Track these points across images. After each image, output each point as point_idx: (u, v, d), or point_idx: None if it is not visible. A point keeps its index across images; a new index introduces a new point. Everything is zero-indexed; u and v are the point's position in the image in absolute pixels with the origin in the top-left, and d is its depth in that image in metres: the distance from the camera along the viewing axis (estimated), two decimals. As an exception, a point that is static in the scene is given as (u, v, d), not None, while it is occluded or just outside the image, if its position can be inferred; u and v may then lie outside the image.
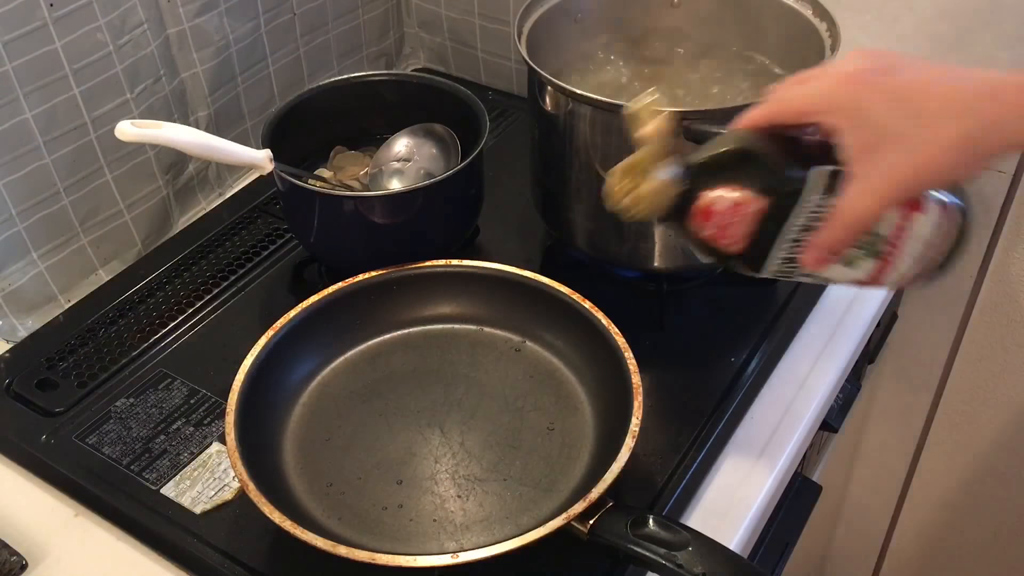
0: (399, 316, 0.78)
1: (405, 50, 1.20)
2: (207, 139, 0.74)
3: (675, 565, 0.55)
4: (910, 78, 0.50)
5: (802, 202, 0.53)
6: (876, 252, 0.55)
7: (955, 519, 1.34)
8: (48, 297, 0.85)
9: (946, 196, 0.55)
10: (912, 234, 0.54)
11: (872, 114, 0.50)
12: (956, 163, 0.49)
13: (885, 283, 0.58)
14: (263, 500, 0.59)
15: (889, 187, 0.49)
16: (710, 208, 0.55)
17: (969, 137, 0.48)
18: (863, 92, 0.50)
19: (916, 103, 0.49)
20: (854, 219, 0.51)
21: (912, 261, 0.56)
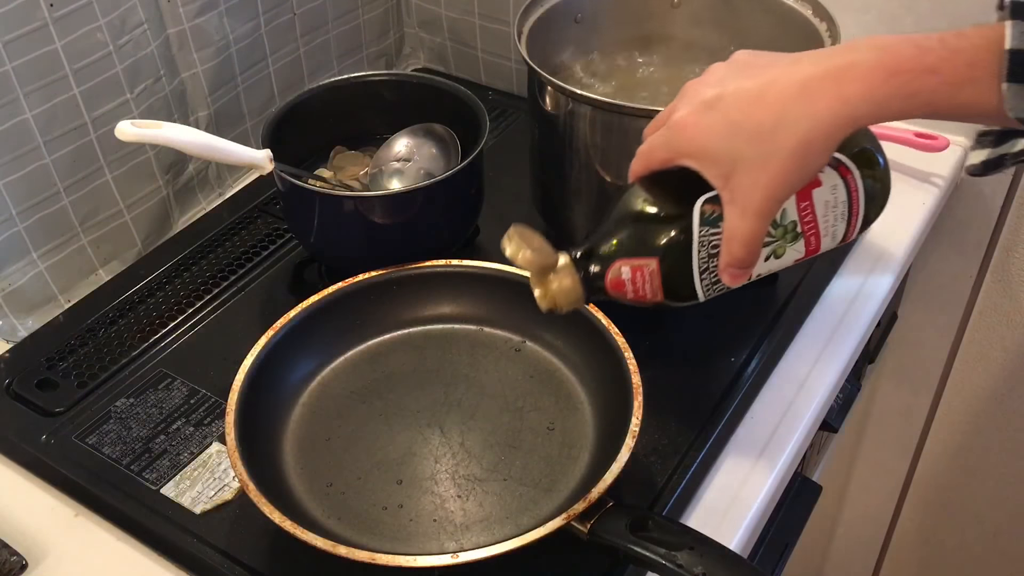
0: (399, 316, 0.78)
1: (405, 50, 1.20)
2: (207, 139, 0.74)
3: (675, 565, 0.55)
4: (737, 100, 0.52)
5: (696, 238, 0.55)
6: (795, 235, 0.57)
7: (955, 519, 1.34)
8: (48, 297, 0.85)
9: (840, 157, 0.56)
10: (820, 205, 0.56)
11: (712, 149, 0.52)
12: (805, 163, 0.51)
13: (827, 248, 0.59)
14: (263, 500, 0.59)
15: (756, 205, 0.52)
16: (618, 281, 0.58)
17: (808, 139, 0.50)
18: (697, 134, 0.53)
19: (750, 124, 0.51)
20: (742, 240, 0.53)
21: (837, 221, 0.57)
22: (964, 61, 0.46)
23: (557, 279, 0.59)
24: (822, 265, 0.86)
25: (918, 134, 0.96)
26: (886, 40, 0.49)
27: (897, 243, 0.90)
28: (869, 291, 0.85)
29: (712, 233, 0.55)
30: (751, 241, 0.53)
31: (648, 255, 0.56)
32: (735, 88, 0.52)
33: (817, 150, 0.50)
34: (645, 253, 0.56)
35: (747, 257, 0.54)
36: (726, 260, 0.54)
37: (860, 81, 0.48)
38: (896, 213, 0.92)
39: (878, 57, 0.48)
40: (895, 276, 0.87)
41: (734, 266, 0.54)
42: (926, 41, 0.48)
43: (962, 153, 0.99)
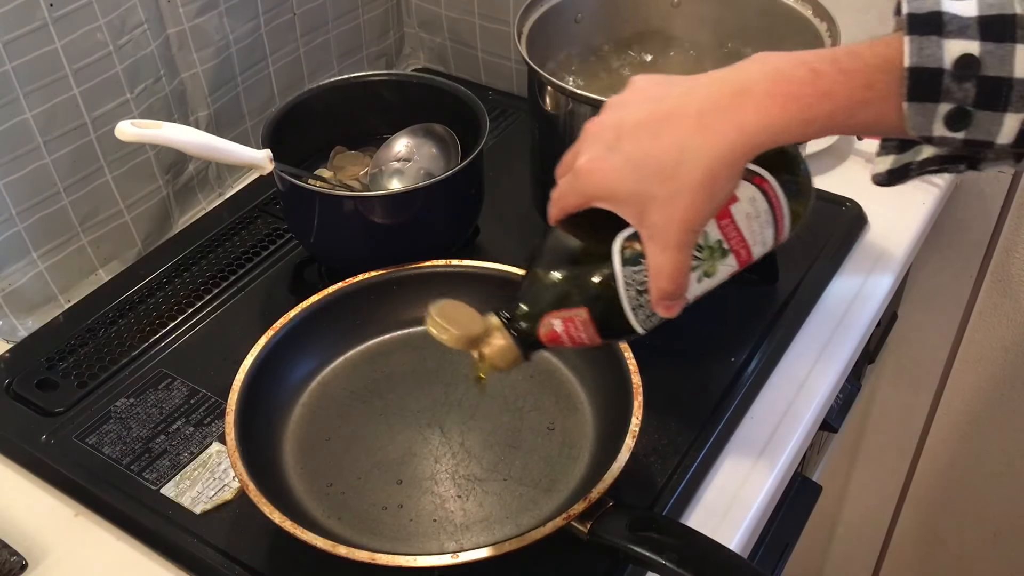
0: (399, 316, 0.78)
1: (405, 50, 1.20)
2: (207, 139, 0.74)
3: (675, 565, 0.55)
4: (637, 140, 0.51)
5: (621, 281, 0.55)
6: (723, 251, 0.56)
7: (955, 519, 1.34)
8: (48, 297, 0.85)
9: (753, 167, 0.55)
10: (742, 219, 0.55)
11: (620, 192, 0.52)
12: (714, 193, 0.50)
13: (761, 254, 0.59)
14: (263, 500, 0.59)
15: (675, 239, 0.51)
16: (552, 334, 0.57)
17: (711, 172, 0.49)
18: (602, 179, 0.53)
19: (652, 163, 0.50)
20: (668, 275, 0.53)
21: (764, 228, 0.57)
22: (859, 83, 0.46)
23: (491, 343, 0.58)
24: (822, 265, 0.86)
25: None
26: (779, 62, 0.48)
27: (897, 243, 0.90)
28: (869, 291, 0.85)
29: (636, 271, 0.54)
30: (676, 274, 0.52)
31: (576, 305, 0.55)
32: (633, 125, 0.52)
33: (723, 179, 0.50)
34: (573, 304, 0.56)
35: (676, 289, 0.53)
36: (655, 295, 0.54)
37: (755, 111, 0.48)
38: (896, 213, 0.92)
39: (772, 83, 0.48)
40: (895, 276, 0.87)
41: (666, 299, 0.54)
42: (819, 63, 0.47)
43: (962, 153, 0.99)
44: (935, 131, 0.45)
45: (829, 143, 0.98)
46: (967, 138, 0.45)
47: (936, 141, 0.45)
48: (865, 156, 0.99)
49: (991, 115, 0.44)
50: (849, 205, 0.91)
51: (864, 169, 0.98)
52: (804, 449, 0.76)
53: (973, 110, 0.44)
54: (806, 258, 0.86)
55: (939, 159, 0.51)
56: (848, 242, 0.89)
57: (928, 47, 0.43)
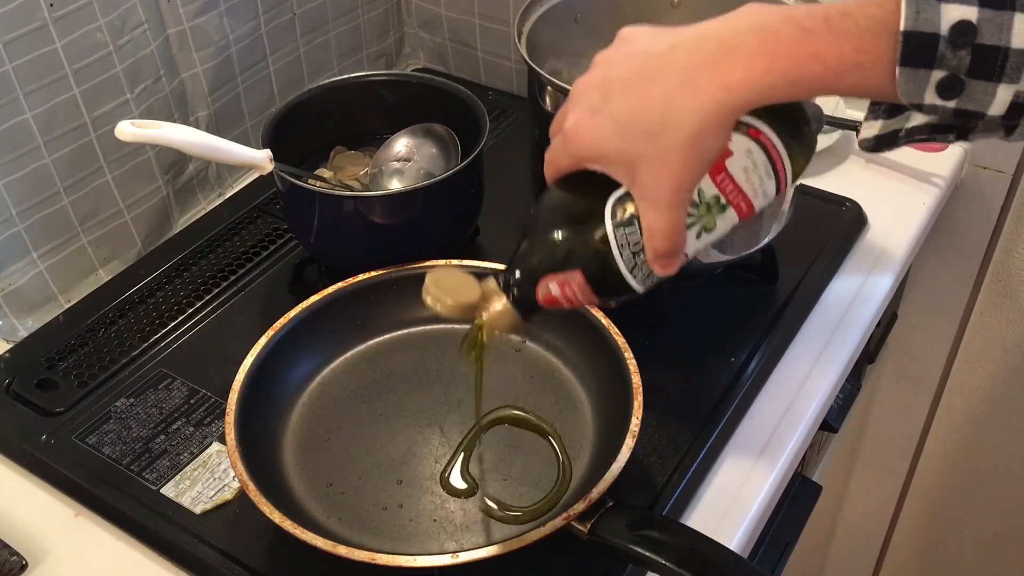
0: (399, 316, 0.78)
1: (405, 50, 1.20)
2: (207, 139, 0.74)
3: (675, 565, 0.55)
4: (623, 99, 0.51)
5: (614, 242, 0.54)
6: (722, 207, 0.55)
7: (955, 519, 1.34)
8: (48, 297, 0.85)
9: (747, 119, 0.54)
10: (739, 172, 0.54)
11: (609, 152, 0.51)
12: (702, 152, 0.49)
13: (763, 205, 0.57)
14: (263, 500, 0.59)
15: (666, 198, 0.51)
16: (550, 297, 0.56)
17: (698, 131, 0.48)
18: (590, 140, 0.52)
19: (639, 123, 0.50)
20: (662, 234, 0.52)
21: (764, 180, 0.55)
22: (851, 47, 0.45)
23: (489, 308, 0.58)
24: (822, 265, 0.86)
25: (918, 134, 0.96)
26: (768, 17, 0.47)
27: (897, 243, 0.90)
28: (869, 291, 0.85)
29: (630, 232, 0.53)
30: (671, 233, 0.52)
31: (571, 267, 0.55)
32: (620, 84, 0.51)
33: (711, 137, 0.49)
34: (567, 267, 0.55)
35: (671, 248, 0.52)
36: (651, 256, 0.53)
37: (742, 69, 0.47)
38: (896, 213, 0.92)
39: (759, 41, 0.47)
40: (895, 276, 0.87)
41: (660, 258, 0.53)
42: (810, 21, 0.46)
43: (962, 153, 0.99)
44: (926, 98, 0.44)
45: (829, 143, 0.98)
46: (958, 107, 0.44)
47: (927, 109, 0.45)
48: (865, 156, 0.99)
49: (984, 85, 0.43)
50: (849, 205, 0.91)
51: (864, 169, 0.98)
52: (804, 449, 0.76)
53: (966, 79, 0.43)
54: (806, 258, 0.86)
55: (929, 127, 0.50)
56: (848, 242, 0.89)
57: (925, 11, 0.42)
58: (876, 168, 0.98)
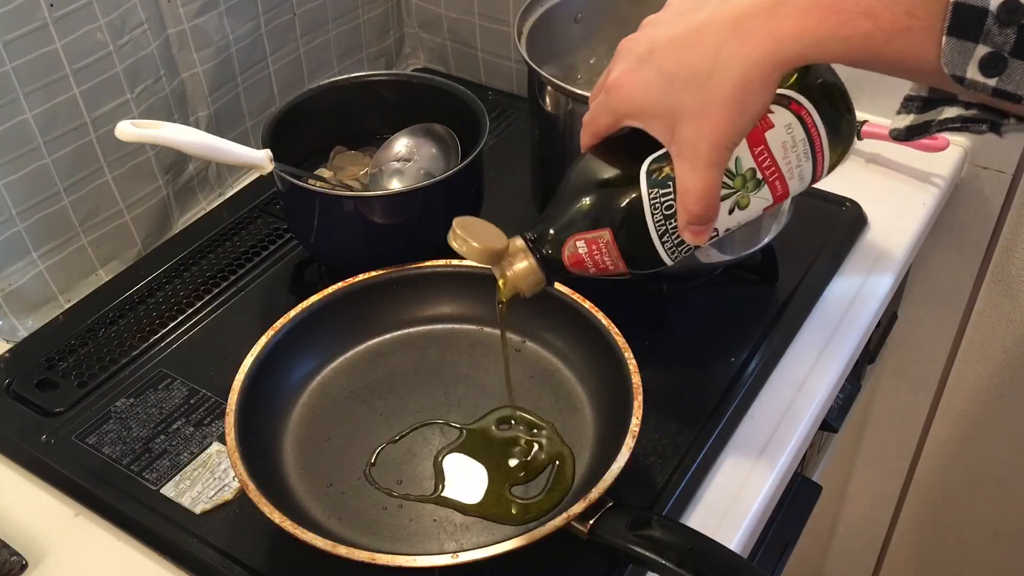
0: (399, 316, 0.78)
1: (405, 50, 1.20)
2: (207, 139, 0.74)
3: (675, 565, 0.55)
4: (670, 50, 0.50)
5: (647, 201, 0.53)
6: (757, 183, 0.54)
7: (955, 519, 1.34)
8: (48, 297, 0.85)
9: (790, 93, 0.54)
10: (777, 147, 0.54)
11: (651, 105, 0.51)
12: (746, 106, 0.49)
13: (797, 190, 0.57)
14: (263, 500, 0.59)
15: (704, 156, 0.50)
16: (576, 257, 0.56)
17: (744, 82, 0.48)
18: (633, 92, 0.52)
19: (684, 73, 0.49)
20: (697, 194, 0.51)
21: (801, 161, 0.55)
22: (903, 9, 0.45)
23: (514, 264, 0.57)
24: (822, 265, 0.86)
25: (918, 134, 0.96)
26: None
27: (897, 243, 0.90)
28: (869, 291, 0.85)
29: (664, 194, 0.53)
30: (706, 194, 0.51)
31: (600, 226, 0.54)
32: (667, 38, 0.51)
33: (756, 91, 0.49)
34: (597, 225, 0.54)
35: (704, 212, 0.52)
36: (684, 218, 0.52)
37: (794, 19, 0.47)
38: (896, 213, 0.92)
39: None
40: (895, 276, 0.87)
41: (694, 223, 0.52)
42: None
43: (962, 153, 0.99)
44: (968, 72, 0.44)
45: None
46: (998, 87, 0.44)
47: (967, 83, 0.44)
48: (865, 156, 0.99)
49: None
50: (849, 205, 0.91)
51: (864, 169, 0.98)
52: (804, 449, 0.76)
53: (1009, 58, 0.43)
54: (806, 258, 0.86)
55: (961, 119, 0.50)
56: (848, 242, 0.89)
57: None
58: (876, 168, 0.98)
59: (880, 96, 0.99)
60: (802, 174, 0.55)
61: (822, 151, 0.55)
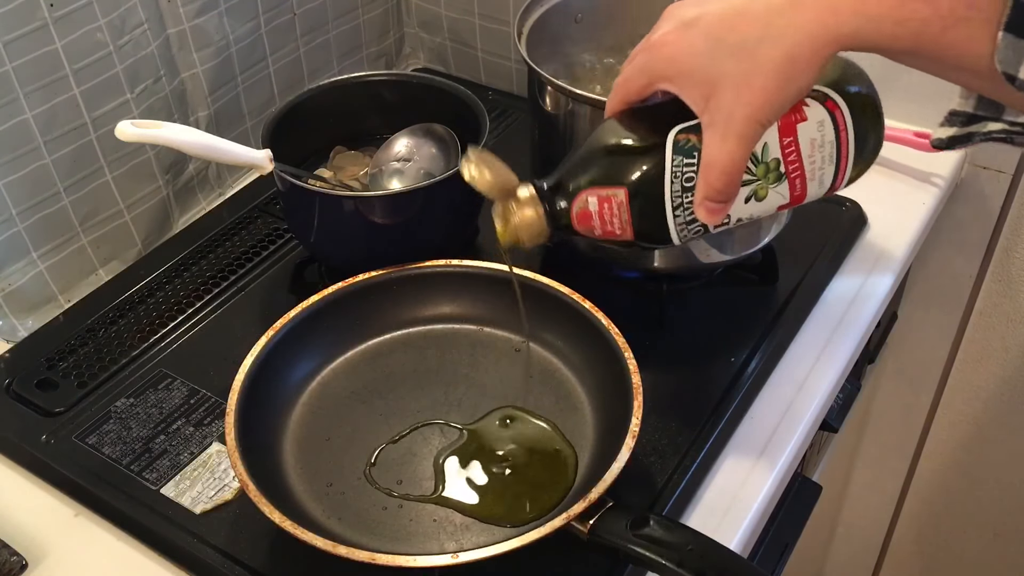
0: (399, 316, 0.78)
1: (405, 50, 1.20)
2: (207, 139, 0.74)
3: (675, 565, 0.55)
4: (721, 16, 0.49)
5: (669, 168, 0.52)
6: (779, 175, 0.53)
7: (955, 519, 1.34)
8: (48, 297, 0.85)
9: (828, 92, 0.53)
10: (806, 143, 0.53)
11: (692, 68, 0.50)
12: (790, 80, 0.48)
13: (814, 195, 0.56)
14: (263, 500, 0.59)
15: (738, 127, 0.49)
16: (585, 213, 0.54)
17: (793, 53, 0.47)
18: (676, 52, 0.50)
19: (732, 38, 0.48)
20: (720, 167, 0.50)
21: (825, 164, 0.54)
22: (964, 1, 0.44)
23: (520, 211, 0.56)
24: (822, 265, 0.86)
25: (918, 134, 0.96)
26: None
27: (897, 243, 0.90)
28: (869, 291, 0.85)
29: (687, 164, 0.52)
30: (731, 168, 0.50)
31: (617, 184, 0.53)
32: (719, 4, 0.50)
33: (802, 66, 0.48)
34: (614, 182, 0.53)
35: (726, 188, 0.50)
36: (703, 192, 0.51)
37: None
38: (896, 213, 0.92)
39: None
40: (895, 276, 0.87)
41: (712, 198, 0.51)
42: None
43: (962, 153, 0.99)
44: (1020, 72, 0.43)
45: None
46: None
47: (1018, 83, 0.44)
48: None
49: None
50: (849, 205, 0.91)
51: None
52: (804, 449, 0.76)
53: None
54: (806, 258, 0.86)
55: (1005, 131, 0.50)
56: (848, 242, 0.89)
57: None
58: (876, 168, 0.96)
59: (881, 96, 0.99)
60: (823, 178, 0.55)
61: (847, 159, 0.55)
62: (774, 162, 0.53)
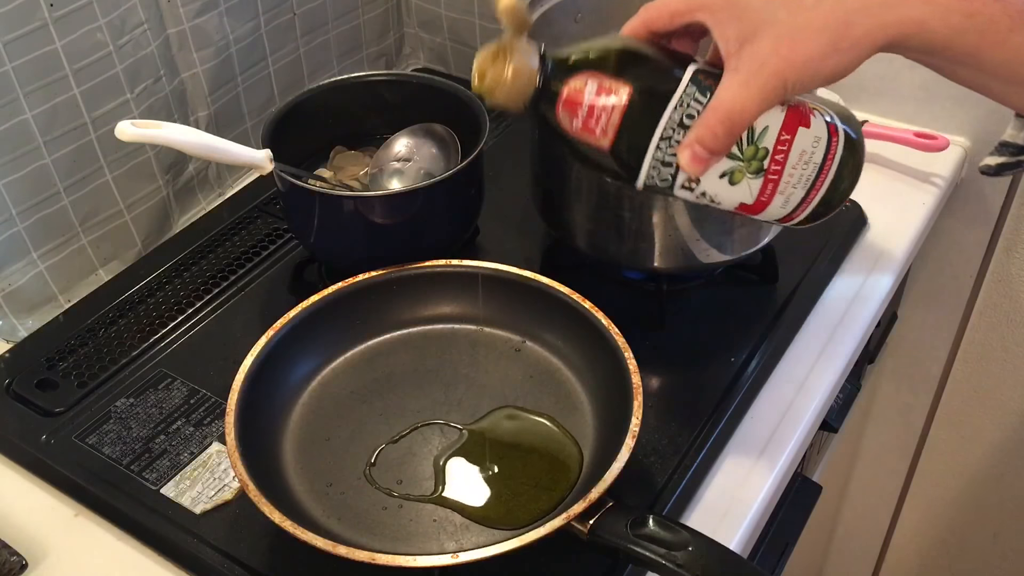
0: (399, 316, 0.78)
1: (405, 50, 1.20)
2: (207, 139, 0.74)
3: (675, 565, 0.55)
4: None
5: (678, 96, 0.51)
6: (759, 168, 0.52)
7: (955, 519, 1.34)
8: (48, 297, 0.85)
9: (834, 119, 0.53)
10: (796, 150, 0.52)
11: (743, 5, 0.48)
12: (836, 50, 0.46)
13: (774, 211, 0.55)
14: (263, 500, 0.59)
15: (763, 79, 0.47)
16: (577, 94, 0.52)
17: (850, 20, 0.46)
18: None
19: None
20: (727, 112, 0.48)
21: (799, 184, 0.54)
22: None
23: (517, 57, 0.52)
24: (822, 265, 0.86)
25: (918, 134, 0.96)
26: None
27: (897, 243, 0.90)
28: (869, 291, 0.85)
29: (696, 99, 0.50)
30: (737, 117, 0.48)
31: (625, 82, 0.51)
32: None
33: (854, 41, 0.46)
34: (623, 78, 0.51)
35: (721, 137, 0.48)
36: (698, 132, 0.49)
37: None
38: (896, 213, 0.92)
39: None
40: (895, 276, 0.87)
41: (703, 143, 0.49)
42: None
43: (962, 153, 0.99)
44: None
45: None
46: None
47: None
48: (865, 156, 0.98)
49: None
50: (849, 205, 0.91)
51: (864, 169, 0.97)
52: (804, 449, 0.76)
53: None
54: (806, 258, 0.86)
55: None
56: (848, 242, 0.89)
57: None
58: (876, 168, 0.98)
59: (881, 96, 0.99)
60: (790, 198, 0.54)
61: (818, 191, 0.54)
62: (763, 151, 0.52)
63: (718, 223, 0.76)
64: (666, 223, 0.76)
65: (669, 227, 0.76)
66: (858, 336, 0.81)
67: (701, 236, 0.77)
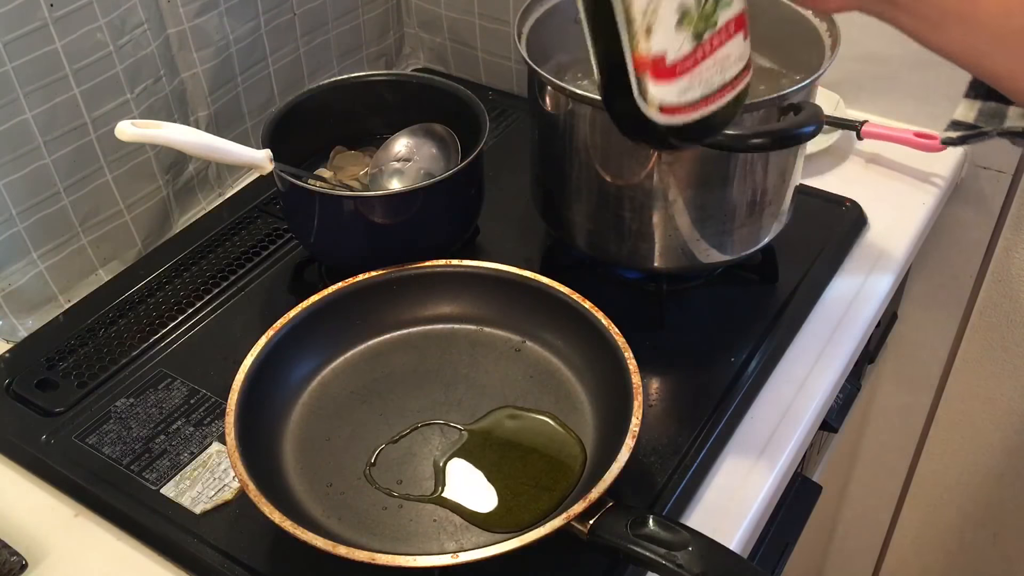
0: (399, 316, 0.78)
1: (405, 50, 1.20)
2: (207, 139, 0.74)
3: (675, 565, 0.55)
4: None
5: None
6: (699, 33, 0.52)
7: (955, 519, 1.34)
8: (48, 297, 0.85)
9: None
10: (725, 50, 0.54)
11: None
12: None
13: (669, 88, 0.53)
14: (263, 500, 0.59)
15: None
16: None
17: None
18: None
19: None
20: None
21: (713, 75, 0.54)
22: None
23: None
24: (822, 265, 0.86)
25: (918, 134, 0.96)
26: None
27: (897, 243, 0.90)
28: (869, 291, 0.85)
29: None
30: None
31: None
32: None
33: None
34: None
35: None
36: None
37: None
38: (896, 213, 0.92)
39: None
40: (895, 276, 0.87)
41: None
42: None
43: (962, 153, 0.99)
44: None
45: (829, 143, 0.98)
46: None
47: None
48: (865, 156, 0.99)
49: None
50: (849, 205, 0.91)
51: (864, 169, 0.98)
52: (804, 449, 0.76)
53: None
54: (806, 258, 0.86)
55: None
56: (848, 242, 0.89)
57: None
58: (876, 168, 0.98)
59: (881, 96, 0.99)
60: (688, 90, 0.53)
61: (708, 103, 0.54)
62: (713, 23, 0.52)
63: (718, 223, 0.76)
64: (666, 223, 0.76)
65: (669, 227, 0.76)
66: (858, 336, 0.81)
67: (701, 236, 0.77)
